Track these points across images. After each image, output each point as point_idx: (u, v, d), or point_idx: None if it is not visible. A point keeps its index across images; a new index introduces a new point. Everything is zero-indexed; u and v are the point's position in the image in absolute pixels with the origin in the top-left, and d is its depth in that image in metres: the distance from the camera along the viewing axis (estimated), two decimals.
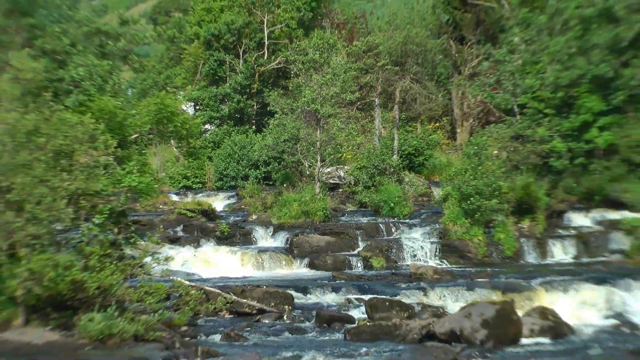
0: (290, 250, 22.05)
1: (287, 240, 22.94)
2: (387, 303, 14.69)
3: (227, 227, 23.85)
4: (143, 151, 23.49)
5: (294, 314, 15.03)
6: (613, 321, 14.58)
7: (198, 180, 36.66)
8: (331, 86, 27.55)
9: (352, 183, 29.72)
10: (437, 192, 27.98)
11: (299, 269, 21.02)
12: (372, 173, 28.19)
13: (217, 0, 44.22)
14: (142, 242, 14.93)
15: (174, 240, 22.36)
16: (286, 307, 15.23)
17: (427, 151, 33.38)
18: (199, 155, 37.29)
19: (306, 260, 21.22)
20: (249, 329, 13.77)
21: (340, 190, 30.63)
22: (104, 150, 13.82)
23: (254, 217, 26.84)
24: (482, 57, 34.35)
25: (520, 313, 13.62)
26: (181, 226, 24.42)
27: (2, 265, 12.10)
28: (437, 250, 21.53)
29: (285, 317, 14.78)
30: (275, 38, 43.33)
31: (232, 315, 15.02)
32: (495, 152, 25.08)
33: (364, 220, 25.32)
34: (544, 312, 13.90)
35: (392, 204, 25.66)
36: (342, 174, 31.06)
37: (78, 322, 11.83)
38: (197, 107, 45.12)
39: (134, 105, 28.60)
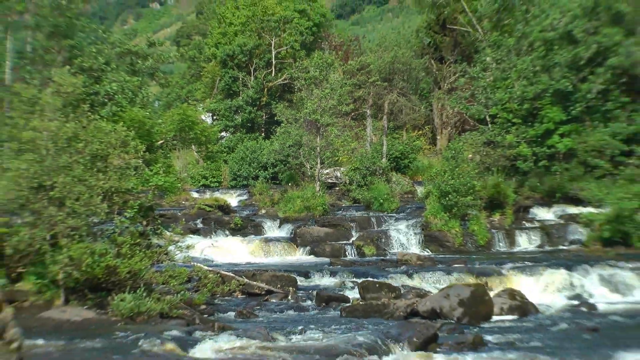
0: (294, 240, 22.00)
1: (292, 231, 22.90)
2: (377, 285, 14.66)
3: (240, 220, 23.81)
4: (168, 155, 23.55)
5: (297, 294, 14.99)
6: (572, 302, 14.57)
7: (215, 179, 36.57)
8: (329, 99, 27.50)
9: (347, 182, 29.62)
10: (420, 190, 27.94)
11: (302, 256, 20.97)
12: (364, 174, 28.11)
13: (232, 26, 44.17)
14: (167, 233, 14.87)
15: (194, 231, 22.30)
16: (290, 288, 15.20)
17: (411, 155, 33.30)
18: (216, 158, 37.37)
19: (308, 249, 21.18)
20: (258, 307, 13.74)
21: (337, 188, 30.54)
22: (134, 154, 13.75)
23: (263, 211, 26.80)
24: (458, 74, 34.32)
25: (491, 294, 13.58)
26: (200, 219, 24.37)
27: (46, 252, 12.06)
28: (420, 240, 21.49)
29: (289, 297, 14.75)
30: (282, 58, 43.28)
31: (244, 296, 14.99)
32: (470, 155, 25.07)
33: (357, 214, 25.27)
34: (512, 294, 13.85)
35: (381, 200, 25.63)
36: (338, 175, 30.97)
37: (111, 301, 11.79)
38: (215, 117, 45.04)
39: (160, 115, 28.64)
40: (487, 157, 25.16)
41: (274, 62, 42.70)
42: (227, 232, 23.04)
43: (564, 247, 20.79)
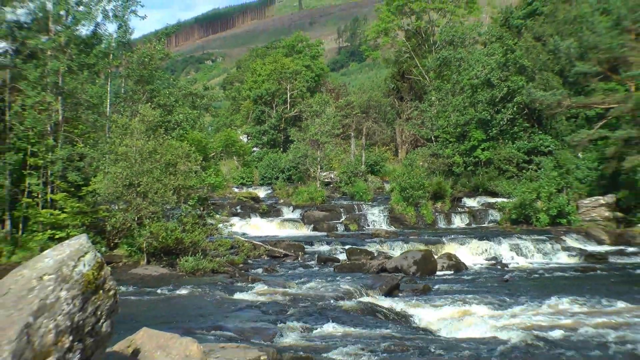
0: (302, 220, 21.88)
1: (301, 214, 22.78)
2: (358, 250, 14.63)
3: (266, 206, 23.69)
4: (217, 163, 23.45)
5: (305, 257, 14.95)
6: (490, 262, 14.54)
7: (249, 180, 36.28)
8: (326, 125, 27.42)
9: (338, 181, 29.49)
10: (387, 187, 27.84)
11: (307, 231, 20.86)
12: (350, 175, 27.93)
13: (260, 76, 44.01)
14: (217, 216, 14.84)
15: (235, 214, 22.15)
16: (300, 253, 15.15)
17: (381, 163, 32.96)
18: (249, 165, 37.23)
19: (311, 226, 21.07)
20: (278, 265, 13.70)
21: (331, 185, 30.38)
22: (195, 162, 13.73)
23: (282, 201, 26.62)
24: (413, 108, 34.19)
25: (436, 257, 13.55)
26: (239, 206, 24.19)
27: (134, 229, 12.05)
28: (387, 220, 21.41)
29: (299, 259, 14.71)
30: (294, 97, 43.04)
31: (268, 258, 14.93)
32: (421, 163, 25.00)
33: (345, 202, 25.09)
34: (450, 256, 13.82)
35: (361, 193, 25.45)
36: (332, 176, 30.78)
37: (179, 262, 11.77)
38: (249, 138, 44.88)
39: (212, 136, 28.57)
40: (433, 164, 25.12)
41: (289, 100, 42.53)
42: (257, 215, 22.92)
43: (485, 225, 20.74)
